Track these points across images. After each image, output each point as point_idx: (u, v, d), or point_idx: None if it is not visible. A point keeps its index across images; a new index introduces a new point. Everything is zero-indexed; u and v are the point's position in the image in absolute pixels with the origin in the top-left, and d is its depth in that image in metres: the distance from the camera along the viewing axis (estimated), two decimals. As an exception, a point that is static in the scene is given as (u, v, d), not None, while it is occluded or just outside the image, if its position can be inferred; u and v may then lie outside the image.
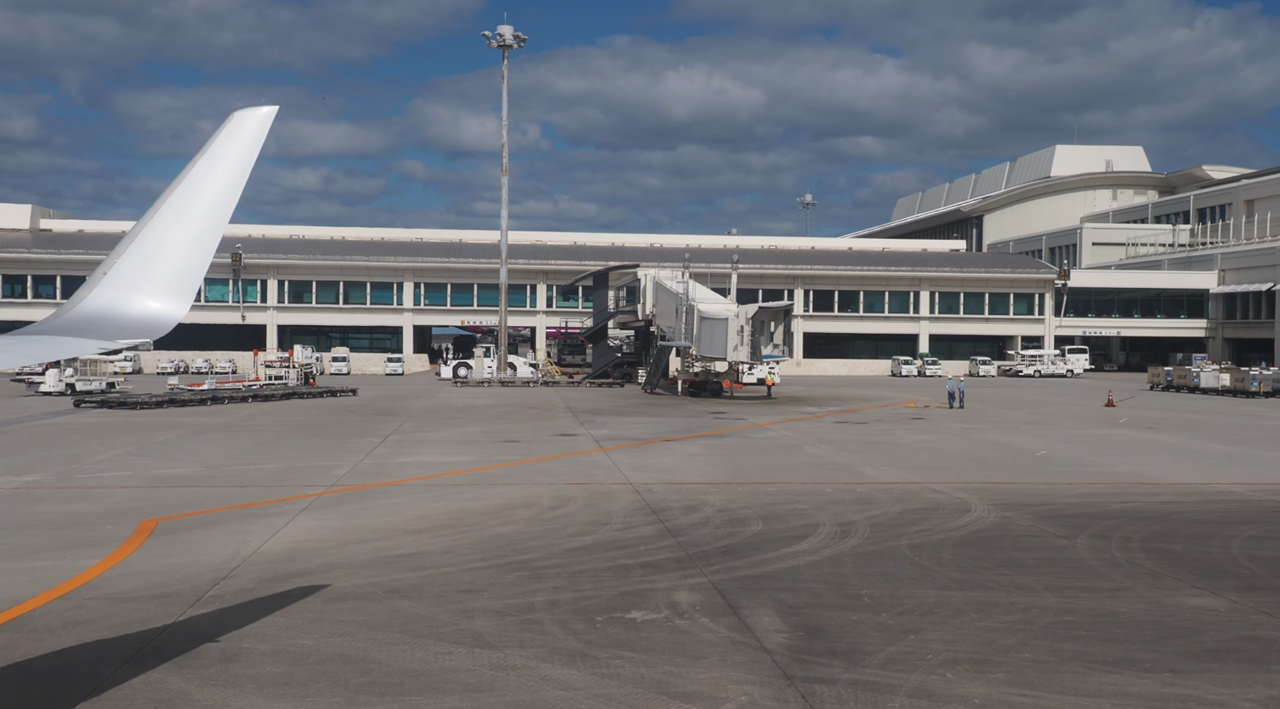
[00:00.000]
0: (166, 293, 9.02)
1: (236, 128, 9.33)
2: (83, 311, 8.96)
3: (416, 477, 29.84)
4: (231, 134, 9.31)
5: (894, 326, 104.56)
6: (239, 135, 9.30)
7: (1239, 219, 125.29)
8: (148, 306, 8.95)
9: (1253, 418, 54.53)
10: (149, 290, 9.00)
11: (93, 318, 8.87)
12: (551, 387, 77.15)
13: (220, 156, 9.24)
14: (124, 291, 9.00)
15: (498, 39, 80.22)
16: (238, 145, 9.26)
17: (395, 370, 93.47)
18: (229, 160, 9.23)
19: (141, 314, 8.91)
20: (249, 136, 9.31)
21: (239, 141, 9.27)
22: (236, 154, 9.25)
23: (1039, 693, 12.36)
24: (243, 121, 9.35)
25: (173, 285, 9.05)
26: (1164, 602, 16.63)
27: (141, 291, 9.00)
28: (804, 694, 12.20)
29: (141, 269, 9.06)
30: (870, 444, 39.79)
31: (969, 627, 15.07)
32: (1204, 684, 12.71)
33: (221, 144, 9.27)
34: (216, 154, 9.25)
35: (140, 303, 8.96)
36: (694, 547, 20.38)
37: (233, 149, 9.25)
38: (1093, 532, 22.29)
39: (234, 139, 9.28)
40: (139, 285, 9.01)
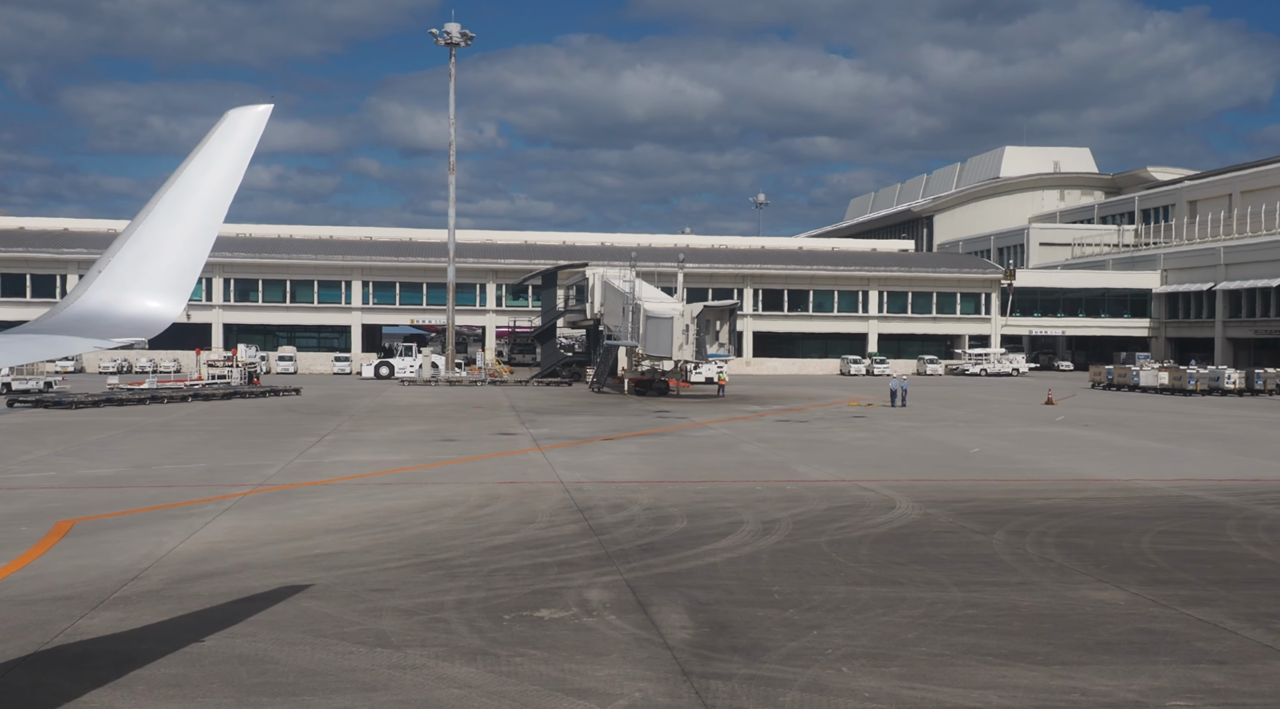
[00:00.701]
0: (161, 291, 9.06)
1: (231, 126, 9.36)
2: (77, 310, 8.99)
3: (347, 476, 29.69)
4: (226, 133, 9.34)
5: (843, 326, 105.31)
6: (234, 134, 9.33)
7: (1181, 220, 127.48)
8: (142, 305, 8.99)
9: (1186, 415, 55.52)
10: (144, 289, 9.03)
11: (87, 316, 8.90)
12: (499, 385, 76.97)
13: (215, 155, 9.26)
14: (119, 290, 9.04)
15: (445, 37, 79.86)
16: (233, 144, 9.28)
17: (343, 370, 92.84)
18: (224, 159, 9.26)
19: (136, 313, 8.95)
20: (244, 135, 9.34)
21: (234, 140, 9.30)
22: (231, 153, 9.27)
23: (930, 685, 12.56)
24: (237, 120, 9.38)
25: (168, 284, 9.08)
26: (1067, 595, 16.93)
27: (136, 290, 9.03)
28: (698, 690, 12.32)
29: (136, 267, 9.08)
30: (808, 442, 40.09)
31: (873, 622, 15.27)
32: (1090, 676, 12.97)
33: (216, 142, 9.30)
34: (211, 152, 9.27)
35: (135, 301, 9.00)
36: (615, 545, 20.47)
37: (228, 148, 9.27)
38: (1010, 527, 22.64)
39: (229, 138, 9.30)
40: (134, 284, 9.04)
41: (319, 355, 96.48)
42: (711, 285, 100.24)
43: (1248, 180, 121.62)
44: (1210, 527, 22.97)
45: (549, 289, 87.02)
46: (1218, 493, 27.92)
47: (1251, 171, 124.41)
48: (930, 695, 12.25)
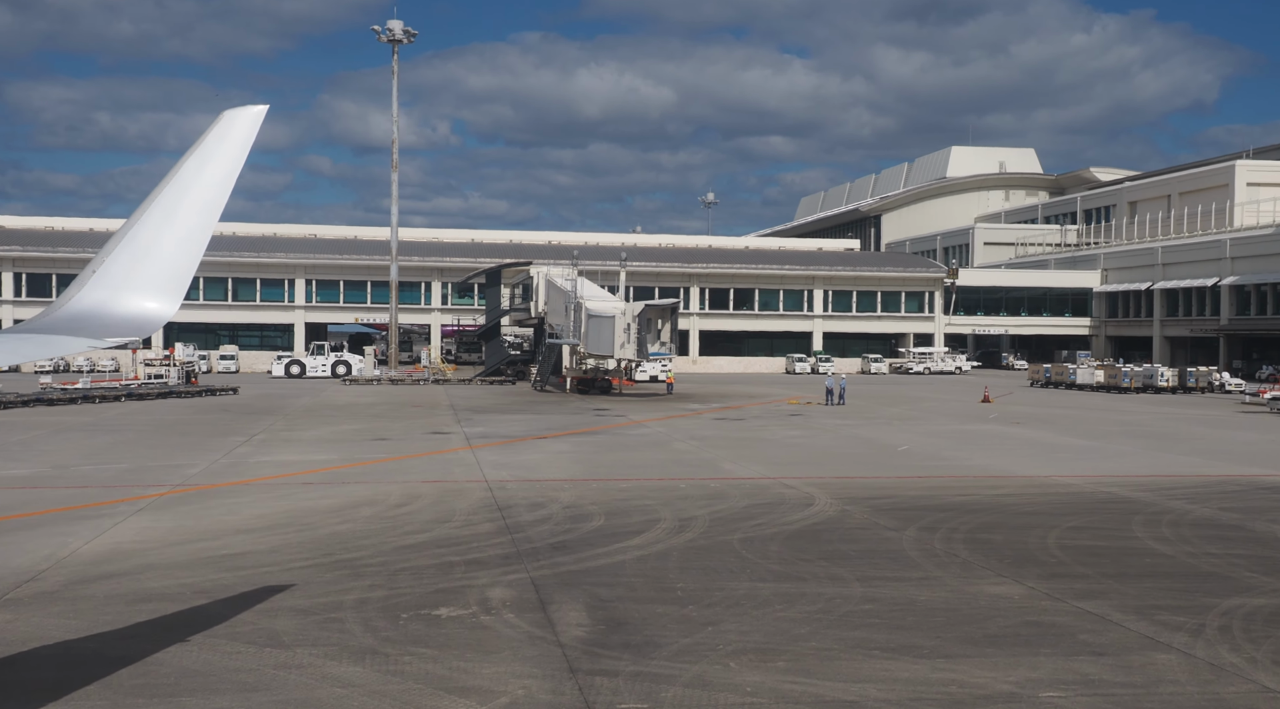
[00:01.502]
0: (156, 291, 9.10)
1: (227, 127, 9.41)
2: (72, 310, 9.01)
3: (270, 476, 29.46)
4: (222, 133, 9.38)
5: (789, 324, 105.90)
6: (229, 134, 9.39)
7: (1121, 220, 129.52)
8: (137, 305, 9.01)
9: (1117, 413, 56.46)
10: (139, 289, 9.06)
11: (82, 316, 8.92)
12: (442, 384, 76.59)
13: (210, 155, 9.31)
14: (113, 290, 9.07)
15: (388, 34, 79.32)
16: (228, 144, 9.34)
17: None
18: (219, 159, 9.32)
19: (131, 312, 8.97)
20: (239, 136, 9.39)
21: (229, 141, 9.35)
22: (226, 153, 9.33)
23: (812, 680, 12.73)
24: (233, 121, 9.44)
25: (163, 284, 9.11)
26: (965, 590, 17.21)
27: (131, 290, 9.06)
28: (582, 686, 12.40)
29: (131, 267, 9.11)
30: (741, 440, 40.31)
31: (769, 618, 15.42)
32: (972, 668, 13.20)
33: (212, 143, 9.34)
34: (206, 153, 9.32)
35: (130, 301, 9.03)
36: (527, 543, 20.50)
37: (223, 148, 9.33)
38: (923, 524, 22.94)
39: (224, 138, 9.35)
40: (129, 284, 9.06)
41: (262, 354, 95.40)
42: (658, 284, 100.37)
43: (1185, 181, 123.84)
44: (1118, 522, 23.42)
45: (493, 288, 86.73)
46: (1133, 489, 28.45)
47: (1189, 173, 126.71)
48: (811, 690, 12.41)
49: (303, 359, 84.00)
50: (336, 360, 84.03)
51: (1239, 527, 22.90)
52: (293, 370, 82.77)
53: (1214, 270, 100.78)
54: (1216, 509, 25.12)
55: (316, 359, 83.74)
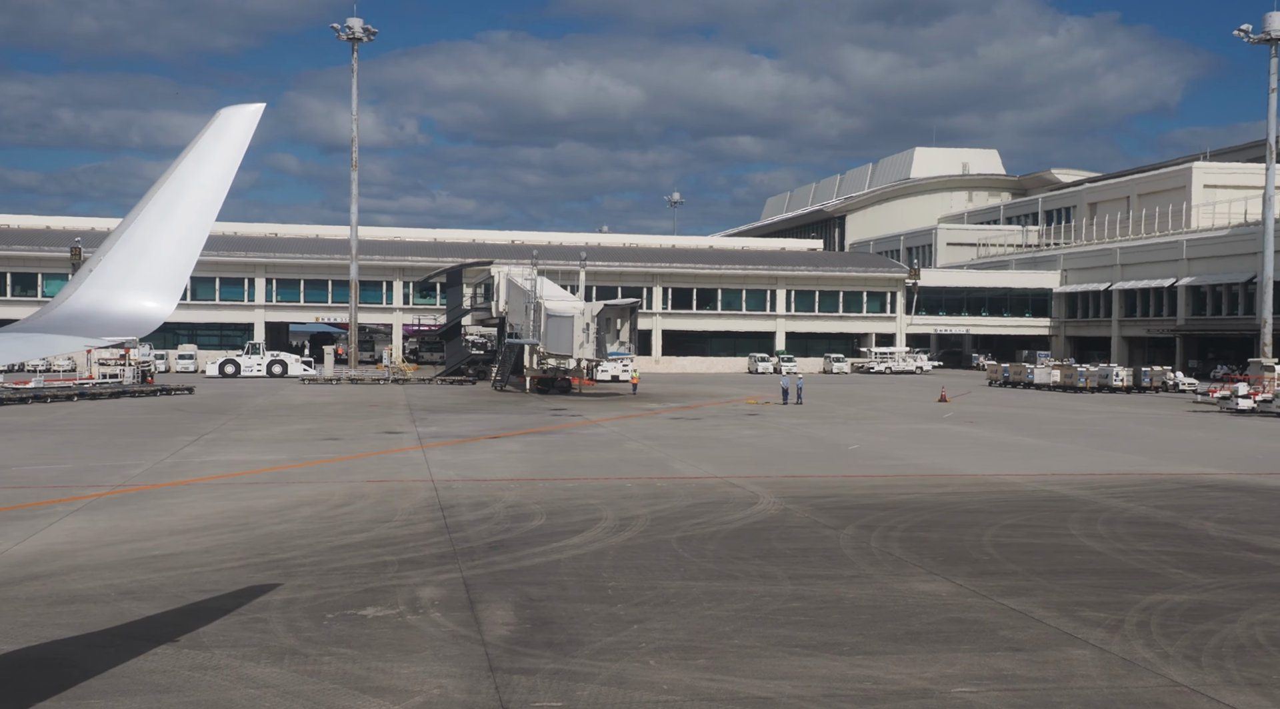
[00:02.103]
0: (153, 290, 9.08)
1: (223, 125, 9.39)
2: (68, 309, 8.97)
3: (214, 476, 29.25)
4: (218, 131, 9.37)
5: (752, 324, 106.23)
6: (226, 132, 9.37)
7: (1080, 221, 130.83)
8: (134, 304, 8.99)
9: (1071, 412, 57.04)
10: (135, 287, 9.04)
11: (78, 315, 8.89)
12: (401, 384, 76.30)
13: (207, 154, 9.29)
14: (110, 289, 9.04)
15: (347, 32, 78.90)
16: (225, 143, 9.32)
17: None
18: (216, 158, 9.30)
19: (128, 311, 8.95)
20: (236, 134, 9.37)
21: (226, 139, 9.33)
22: (223, 151, 9.31)
23: (730, 677, 12.80)
24: (229, 119, 9.42)
25: (159, 283, 9.10)
26: (894, 587, 17.35)
27: (128, 289, 9.03)
28: (499, 685, 12.41)
29: (128, 266, 9.09)
30: (694, 440, 40.41)
31: (696, 616, 15.49)
32: (889, 665, 13.32)
33: (208, 141, 9.32)
34: (203, 151, 9.30)
35: (127, 300, 9.00)
36: (465, 542, 20.48)
37: (220, 146, 9.31)
38: (862, 522, 23.09)
39: (221, 136, 9.33)
40: (125, 282, 9.04)
41: (221, 353, 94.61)
42: (621, 284, 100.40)
43: (1144, 183, 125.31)
44: (1054, 520, 23.68)
45: (454, 287, 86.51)
46: (1074, 487, 28.77)
47: (1148, 175, 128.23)
48: (726, 686, 12.48)
49: (237, 359, 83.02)
50: (272, 360, 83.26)
51: (1172, 524, 23.21)
52: (227, 370, 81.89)
53: (1171, 271, 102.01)
54: (1153, 507, 25.46)
55: (251, 359, 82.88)
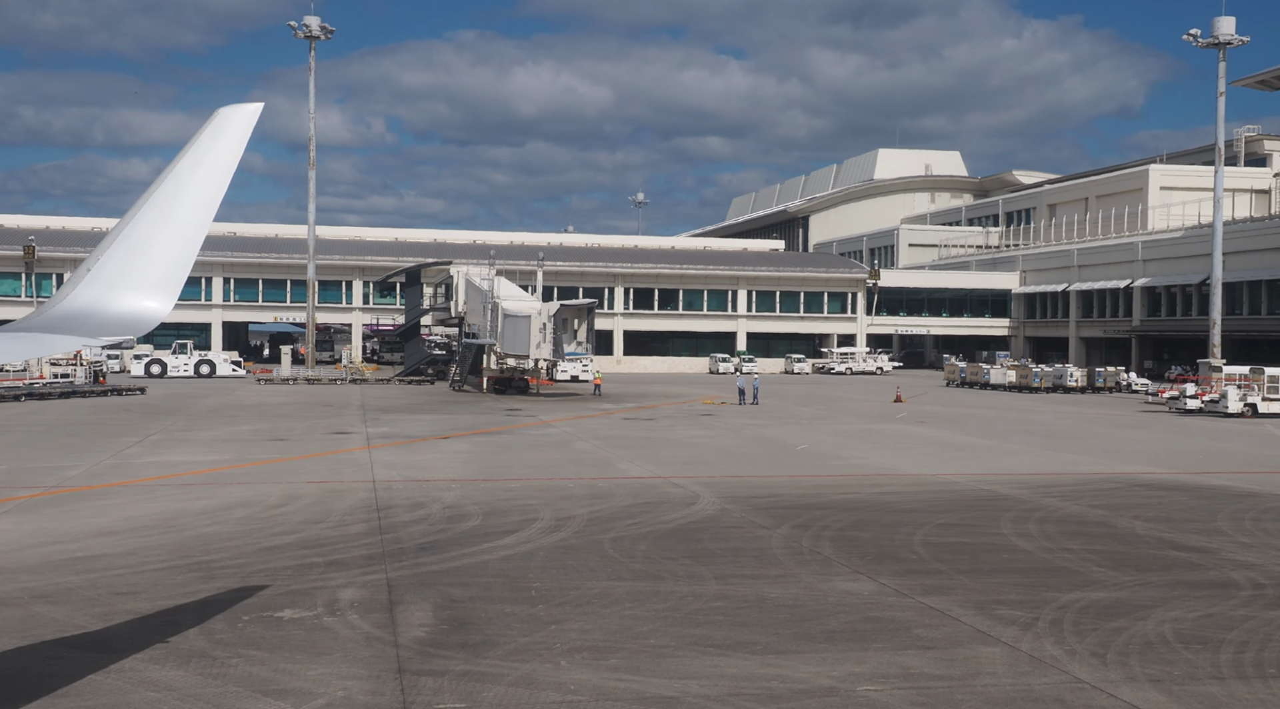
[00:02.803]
0: (151, 290, 9.07)
1: (221, 124, 9.38)
2: (66, 308, 8.96)
3: (153, 477, 28.97)
4: (217, 130, 9.35)
5: (713, 325, 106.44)
6: (224, 132, 9.36)
7: (1040, 222, 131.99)
8: (132, 303, 8.98)
9: (1023, 412, 57.54)
10: (133, 287, 9.03)
11: (76, 315, 8.88)
12: (359, 384, 75.88)
13: (205, 153, 9.29)
14: (107, 288, 9.04)
15: (304, 30, 78.41)
16: (223, 142, 9.31)
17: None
18: (214, 157, 9.30)
19: (126, 311, 8.95)
20: (234, 133, 9.35)
21: (224, 138, 9.32)
22: (222, 151, 9.31)
23: (639, 677, 12.81)
24: (228, 118, 9.40)
25: (158, 282, 9.09)
26: (818, 587, 17.43)
27: (126, 288, 9.03)
28: (405, 687, 12.36)
29: (125, 266, 9.08)
30: (643, 440, 40.44)
31: (615, 616, 15.50)
32: (799, 663, 13.38)
33: (207, 141, 9.31)
34: (201, 150, 9.29)
35: (124, 300, 9.00)
36: (396, 544, 20.39)
37: (218, 146, 9.30)
38: (798, 522, 23.18)
39: (219, 135, 9.32)
40: (123, 282, 9.04)
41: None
42: (582, 284, 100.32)
43: (1102, 185, 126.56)
44: (988, 519, 23.87)
45: (414, 287, 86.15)
46: (1013, 486, 29.01)
47: (1105, 177, 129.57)
48: (634, 686, 12.50)
49: (163, 359, 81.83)
50: (200, 360, 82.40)
51: (1103, 523, 23.46)
52: (153, 370, 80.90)
53: (1127, 272, 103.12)
54: (1087, 506, 25.72)
55: (179, 359, 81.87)
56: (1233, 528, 22.88)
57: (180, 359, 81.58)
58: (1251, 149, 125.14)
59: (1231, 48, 69.28)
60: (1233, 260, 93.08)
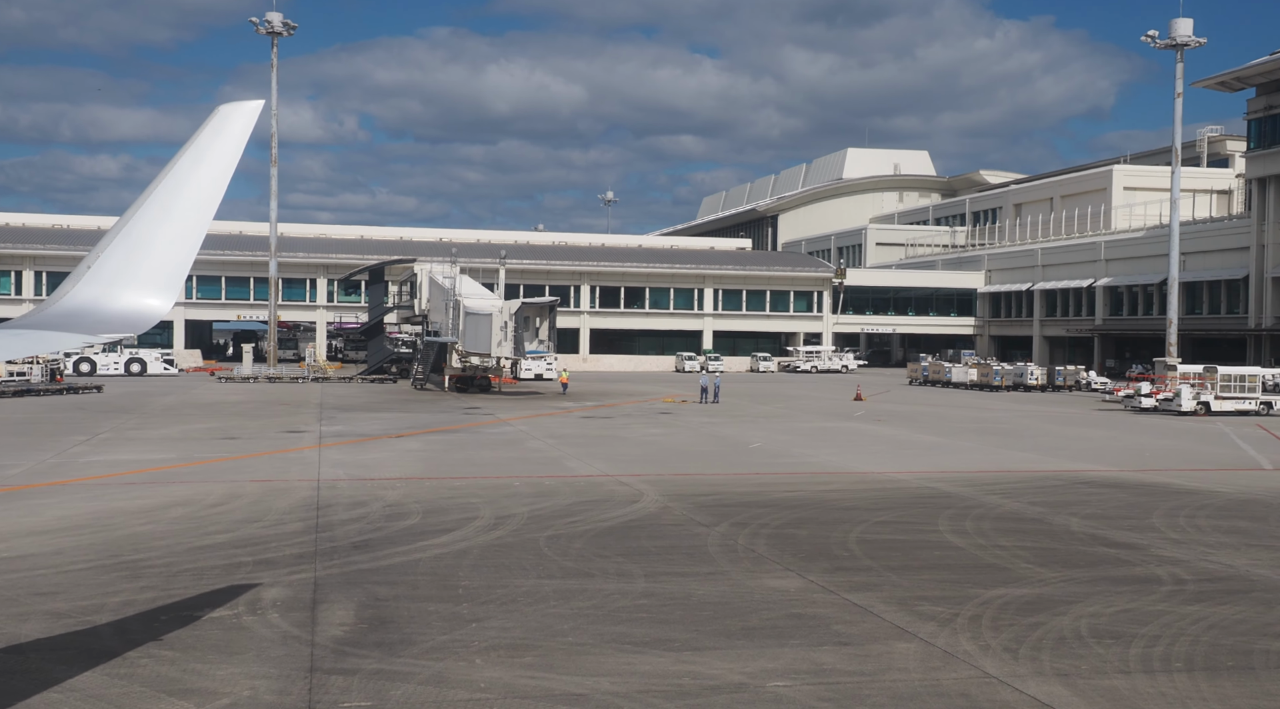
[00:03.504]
0: (151, 287, 9.07)
1: (222, 122, 9.34)
2: (66, 306, 8.95)
3: (96, 476, 28.71)
4: (217, 129, 9.32)
5: (679, 323, 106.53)
6: (225, 130, 9.33)
7: (1006, 222, 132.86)
8: (132, 301, 8.97)
9: (980, 410, 57.92)
10: (133, 285, 9.02)
11: (76, 312, 8.87)
12: (321, 382, 75.45)
13: (205, 151, 9.26)
14: (108, 286, 9.03)
15: (266, 26, 77.87)
16: (223, 140, 9.29)
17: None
18: (214, 155, 9.28)
19: (126, 309, 8.94)
20: (235, 131, 9.32)
21: (224, 136, 9.29)
22: (222, 149, 9.28)
23: (551, 674, 12.82)
24: (228, 116, 9.36)
25: (158, 280, 9.08)
26: (747, 584, 17.49)
27: (126, 286, 9.02)
28: (314, 686, 12.32)
29: (125, 264, 9.06)
30: (597, 438, 40.44)
31: (538, 614, 15.49)
32: (714, 659, 13.43)
33: (207, 139, 9.27)
34: (202, 149, 9.26)
35: (125, 297, 8.99)
36: (330, 542, 20.30)
37: (218, 144, 9.28)
38: (737, 519, 23.25)
39: (219, 134, 9.30)
40: (123, 280, 9.03)
41: (140, 351, 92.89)
42: (549, 282, 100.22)
43: (1067, 185, 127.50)
44: (926, 516, 24.01)
45: (377, 285, 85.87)
46: (957, 484, 29.22)
47: (1070, 177, 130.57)
48: (545, 684, 12.51)
49: (92, 356, 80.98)
50: (130, 358, 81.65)
51: (1039, 520, 23.66)
52: (82, 368, 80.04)
53: (1090, 272, 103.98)
54: (1026, 503, 25.93)
55: (109, 357, 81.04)
56: (1166, 525, 23.13)
57: (110, 357, 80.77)
58: (1214, 150, 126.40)
59: (1189, 49, 69.95)
60: (1193, 260, 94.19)
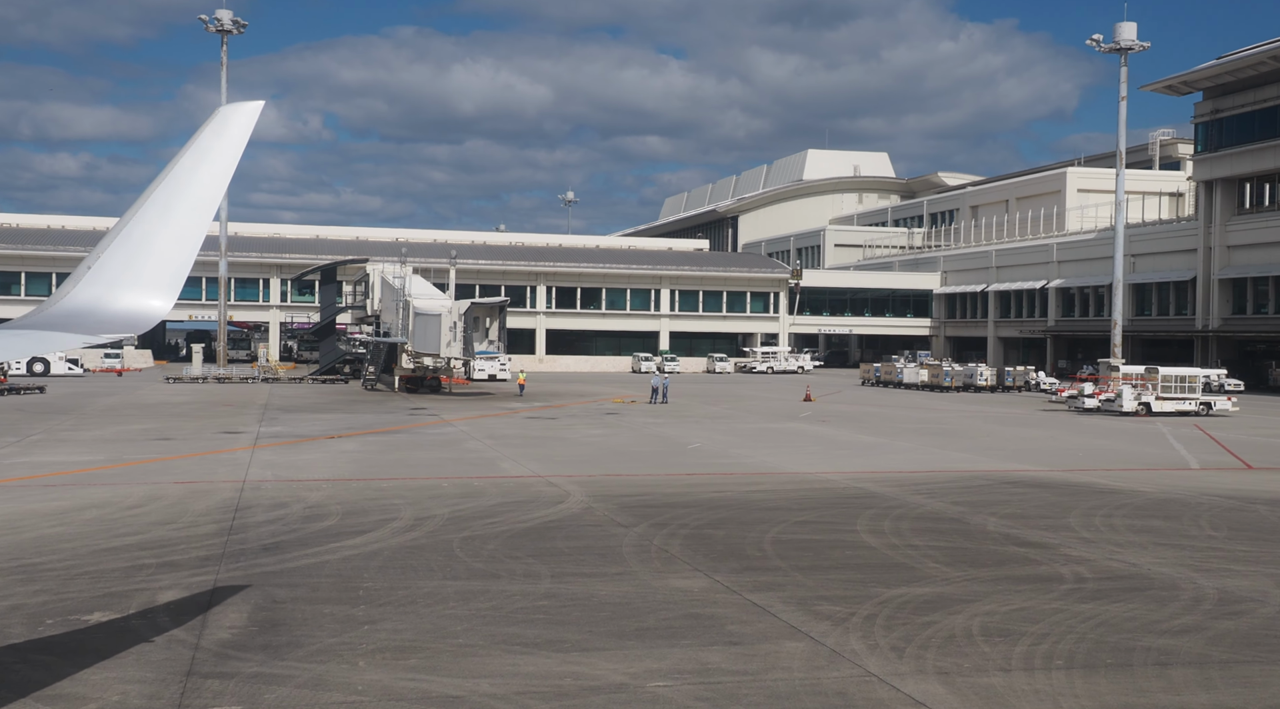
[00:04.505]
0: (151, 288, 9.05)
1: (222, 123, 9.31)
2: (66, 306, 8.95)
3: (19, 477, 28.31)
4: (217, 129, 9.29)
5: (636, 324, 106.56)
6: (225, 131, 9.29)
7: (962, 224, 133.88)
8: (132, 301, 8.97)
9: (926, 411, 58.29)
10: (134, 285, 9.02)
11: (77, 313, 8.87)
12: (271, 383, 74.83)
13: (206, 152, 9.23)
14: (108, 287, 9.03)
15: (215, 23, 77.16)
16: (224, 141, 9.26)
17: (113, 366, 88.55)
18: (215, 156, 9.25)
19: (126, 309, 8.94)
20: (235, 132, 9.29)
21: (225, 137, 9.27)
22: (222, 149, 9.25)
23: (432, 677, 12.75)
24: (228, 117, 9.33)
25: (158, 281, 9.06)
26: (651, 584, 17.47)
27: (126, 287, 9.01)
28: (187, 689, 12.19)
29: (126, 265, 9.05)
30: (538, 439, 40.34)
31: (434, 615, 15.41)
32: (601, 660, 13.40)
33: (207, 139, 9.23)
34: (202, 149, 9.23)
35: (125, 298, 8.99)
36: (240, 544, 20.11)
37: (219, 144, 9.25)
38: (658, 520, 23.24)
39: (220, 134, 9.27)
40: (123, 280, 9.02)
41: (88, 351, 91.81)
42: (505, 282, 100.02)
43: (1022, 187, 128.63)
44: (847, 516, 24.10)
45: (329, 285, 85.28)
46: (886, 484, 29.36)
47: (1025, 179, 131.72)
48: (423, 686, 12.43)
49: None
50: (33, 358, 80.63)
51: (958, 520, 23.81)
52: (35, 368, 79.14)
53: (1043, 274, 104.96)
54: (949, 503, 26.10)
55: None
56: (1080, 524, 23.36)
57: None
58: (1166, 152, 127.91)
59: (1134, 53, 70.75)
60: (1142, 262, 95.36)
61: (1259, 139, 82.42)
